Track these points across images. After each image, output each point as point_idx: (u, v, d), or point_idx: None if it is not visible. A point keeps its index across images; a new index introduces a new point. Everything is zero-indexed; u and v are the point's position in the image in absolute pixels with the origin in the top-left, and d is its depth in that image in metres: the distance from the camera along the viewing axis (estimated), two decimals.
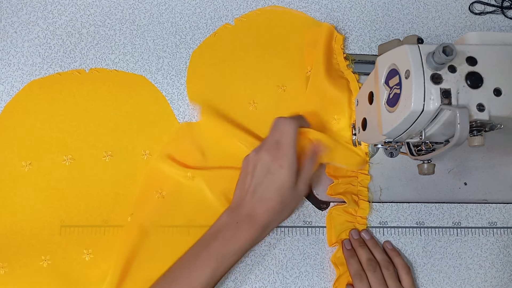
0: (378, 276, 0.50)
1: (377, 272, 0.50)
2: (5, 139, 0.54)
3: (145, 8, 0.60)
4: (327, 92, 0.56)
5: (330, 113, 0.56)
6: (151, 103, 0.57)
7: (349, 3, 0.62)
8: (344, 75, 0.59)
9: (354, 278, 0.51)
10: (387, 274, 0.51)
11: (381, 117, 0.43)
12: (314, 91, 0.57)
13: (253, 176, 0.49)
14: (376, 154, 0.57)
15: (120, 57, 0.58)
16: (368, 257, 0.52)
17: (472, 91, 0.38)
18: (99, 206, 0.53)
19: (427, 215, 0.56)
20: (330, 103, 0.56)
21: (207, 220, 0.51)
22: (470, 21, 0.63)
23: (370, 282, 0.50)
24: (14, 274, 0.50)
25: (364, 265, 0.51)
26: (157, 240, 0.52)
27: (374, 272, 0.50)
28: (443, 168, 0.57)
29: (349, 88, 0.57)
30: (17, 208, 0.52)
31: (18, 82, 0.56)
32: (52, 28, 0.58)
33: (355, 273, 0.51)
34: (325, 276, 0.54)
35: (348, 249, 0.53)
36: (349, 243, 0.54)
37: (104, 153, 0.55)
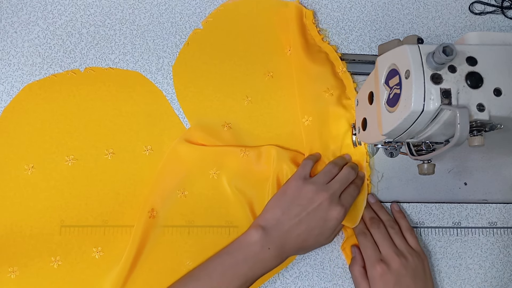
0: (382, 231, 0.51)
1: (381, 229, 0.51)
2: (5, 142, 0.54)
3: (145, 8, 0.60)
4: (310, 69, 0.56)
5: (320, 88, 0.56)
6: (148, 99, 0.57)
7: (349, 3, 0.62)
8: (322, 49, 0.59)
9: (358, 236, 0.51)
10: (392, 232, 0.51)
11: (381, 117, 0.43)
12: (299, 70, 0.57)
13: (305, 210, 0.48)
14: (376, 154, 0.57)
15: (120, 57, 0.58)
16: (371, 216, 0.52)
17: (472, 91, 0.38)
18: (99, 206, 0.53)
19: (427, 215, 0.56)
20: (317, 78, 0.56)
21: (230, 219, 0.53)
22: (470, 21, 0.63)
23: (374, 238, 0.50)
24: (25, 278, 0.50)
25: (368, 223, 0.52)
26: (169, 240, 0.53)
27: (377, 229, 0.51)
28: (443, 168, 0.57)
29: (329, 60, 0.58)
30: (17, 208, 0.52)
31: (18, 82, 0.56)
32: (52, 28, 0.58)
33: (359, 231, 0.52)
34: (325, 276, 0.54)
35: None
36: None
37: (106, 151, 0.55)
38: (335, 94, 0.56)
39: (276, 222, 0.48)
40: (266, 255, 0.47)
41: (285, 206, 0.49)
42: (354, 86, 0.58)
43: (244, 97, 0.57)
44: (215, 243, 0.52)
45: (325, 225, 0.48)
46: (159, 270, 0.52)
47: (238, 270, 0.46)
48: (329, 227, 0.49)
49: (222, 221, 0.54)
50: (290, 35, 0.59)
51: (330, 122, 0.56)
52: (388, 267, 0.48)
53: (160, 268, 0.52)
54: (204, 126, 0.56)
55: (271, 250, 0.47)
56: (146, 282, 0.51)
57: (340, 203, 0.49)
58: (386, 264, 0.48)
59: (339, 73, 0.58)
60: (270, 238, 0.47)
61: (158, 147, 0.55)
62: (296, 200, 0.49)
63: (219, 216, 0.54)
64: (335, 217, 0.48)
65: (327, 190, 0.49)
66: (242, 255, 0.47)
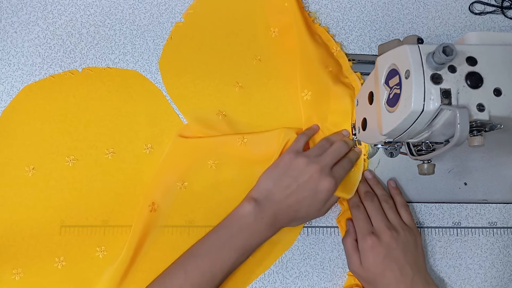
0: (375, 205, 0.51)
1: (375, 202, 0.51)
2: (4, 143, 0.54)
3: (145, 8, 0.60)
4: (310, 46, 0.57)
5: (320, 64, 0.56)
6: (148, 98, 0.57)
7: (349, 3, 0.62)
8: (315, 30, 0.60)
9: (352, 208, 0.52)
10: (386, 206, 0.51)
11: (381, 117, 0.43)
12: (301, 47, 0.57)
13: (295, 181, 0.49)
14: (376, 154, 0.57)
15: (120, 57, 0.58)
16: (365, 190, 0.53)
17: (472, 91, 0.38)
18: (99, 206, 0.53)
19: (427, 215, 0.56)
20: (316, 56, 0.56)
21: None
22: (470, 21, 0.63)
23: (367, 211, 0.51)
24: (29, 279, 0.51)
25: (362, 197, 0.52)
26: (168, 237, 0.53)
27: (371, 202, 0.51)
28: (443, 168, 0.57)
29: (323, 41, 0.59)
30: (17, 208, 0.52)
31: (18, 82, 0.56)
32: (52, 28, 0.58)
33: (353, 204, 0.52)
34: (325, 276, 0.54)
35: None
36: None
37: (106, 151, 0.55)
38: (334, 71, 0.57)
39: (267, 193, 0.49)
40: (260, 225, 0.48)
41: (277, 178, 0.49)
42: (350, 65, 0.58)
43: (234, 83, 0.57)
44: None
45: (315, 196, 0.49)
46: (158, 270, 0.52)
47: (234, 242, 0.47)
48: (320, 198, 0.49)
49: None
50: (279, 15, 0.59)
51: (330, 96, 0.56)
52: (378, 240, 0.48)
53: (159, 268, 0.52)
54: (199, 118, 0.56)
55: (264, 220, 0.48)
56: (146, 282, 0.51)
57: (331, 175, 0.49)
58: (377, 236, 0.48)
59: (334, 53, 0.59)
60: (262, 208, 0.48)
61: (158, 145, 0.55)
62: (288, 172, 0.49)
63: (219, 216, 0.54)
64: (325, 189, 0.48)
65: (318, 162, 0.49)
66: (237, 227, 0.48)
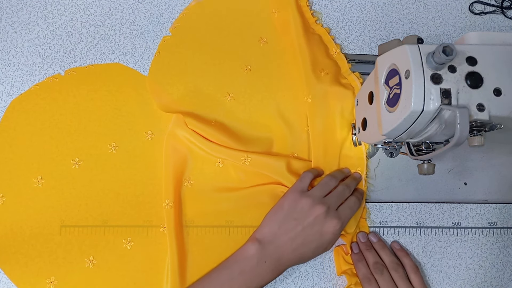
0: (386, 278, 0.50)
1: (385, 275, 0.50)
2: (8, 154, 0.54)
3: (145, 8, 0.60)
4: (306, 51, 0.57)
5: (316, 68, 0.57)
6: (134, 86, 0.56)
7: (349, 3, 0.62)
8: (315, 31, 0.60)
9: (362, 281, 0.51)
10: (396, 276, 0.50)
11: (381, 117, 0.43)
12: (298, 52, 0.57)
13: (300, 224, 0.48)
14: (376, 154, 0.57)
15: (120, 57, 0.58)
16: (374, 261, 0.51)
17: (472, 91, 0.38)
18: (99, 206, 0.53)
19: (427, 215, 0.56)
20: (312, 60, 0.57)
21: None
22: (470, 21, 0.63)
23: (379, 284, 0.50)
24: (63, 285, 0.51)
25: (372, 269, 0.51)
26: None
27: (381, 275, 0.50)
28: (443, 168, 0.57)
29: (323, 42, 0.59)
30: (17, 208, 0.52)
31: (18, 82, 0.56)
32: (52, 28, 0.58)
33: (363, 277, 0.51)
34: (325, 276, 0.54)
35: (356, 253, 0.53)
36: (357, 246, 0.54)
37: (109, 146, 0.55)
38: (331, 74, 0.57)
39: (272, 237, 0.48)
40: (263, 268, 0.47)
41: (281, 220, 0.49)
42: (349, 66, 0.58)
43: (225, 94, 0.57)
44: (215, 243, 0.52)
45: (321, 238, 0.48)
46: (158, 270, 0.52)
47: (234, 283, 0.46)
48: (326, 240, 0.49)
49: (222, 221, 0.54)
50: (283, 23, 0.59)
51: (328, 98, 0.56)
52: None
53: (159, 268, 0.52)
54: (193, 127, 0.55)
55: (268, 263, 0.47)
56: None
57: (337, 216, 0.49)
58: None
59: (333, 55, 0.59)
60: (266, 252, 0.47)
61: (159, 131, 0.55)
62: (292, 214, 0.49)
63: (219, 216, 0.54)
64: (331, 231, 0.48)
65: (324, 203, 0.49)
66: (239, 269, 0.47)
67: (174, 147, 0.54)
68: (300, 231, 0.48)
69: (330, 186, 0.52)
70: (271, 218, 0.50)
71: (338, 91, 0.56)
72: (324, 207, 0.48)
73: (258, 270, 0.47)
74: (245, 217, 0.53)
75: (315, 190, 0.51)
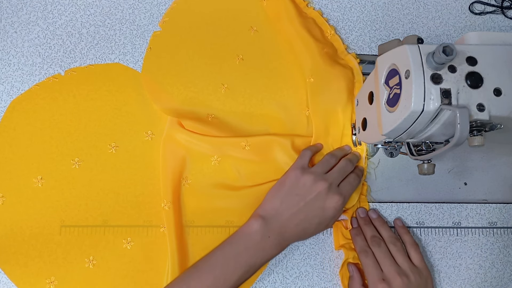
0: (383, 250, 0.50)
1: (382, 247, 0.50)
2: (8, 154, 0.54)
3: (145, 8, 0.60)
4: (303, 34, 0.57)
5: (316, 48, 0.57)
6: (134, 86, 0.56)
7: (349, 3, 0.62)
8: (308, 15, 0.60)
9: (360, 254, 0.51)
10: (394, 249, 0.50)
11: (381, 117, 0.43)
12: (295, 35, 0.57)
13: (303, 200, 0.49)
14: (376, 154, 0.57)
15: (120, 57, 0.58)
16: (372, 234, 0.52)
17: (472, 91, 0.38)
18: (99, 206, 0.53)
19: (427, 215, 0.56)
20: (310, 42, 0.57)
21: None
22: (470, 21, 0.63)
23: (376, 256, 0.50)
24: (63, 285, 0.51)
25: (369, 242, 0.52)
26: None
27: (378, 247, 0.50)
28: (443, 168, 0.57)
29: (317, 25, 0.59)
30: (17, 208, 0.52)
31: (18, 82, 0.56)
32: (52, 28, 0.58)
33: (360, 249, 0.51)
34: (325, 276, 0.54)
35: (355, 227, 0.54)
36: (356, 221, 0.54)
37: (109, 146, 0.55)
38: (330, 54, 0.57)
39: (275, 212, 0.49)
40: (267, 243, 0.48)
41: (284, 196, 0.49)
42: (344, 47, 0.59)
43: (220, 85, 0.57)
44: (215, 243, 0.52)
45: (323, 214, 0.49)
46: (158, 270, 0.52)
47: (239, 259, 0.47)
48: (328, 216, 0.49)
49: (222, 221, 0.54)
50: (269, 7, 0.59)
51: (330, 77, 0.56)
52: (389, 287, 0.47)
53: (159, 268, 0.52)
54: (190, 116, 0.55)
55: (271, 238, 0.48)
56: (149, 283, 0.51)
57: (338, 192, 0.49)
58: (387, 283, 0.47)
59: (328, 37, 0.59)
60: (269, 227, 0.48)
61: (159, 131, 0.55)
62: (294, 190, 0.49)
63: (219, 216, 0.54)
64: (333, 206, 0.49)
65: (325, 179, 0.50)
66: (243, 245, 0.47)
67: (171, 150, 0.54)
68: (302, 206, 0.49)
69: (331, 164, 0.52)
70: (273, 195, 0.50)
71: (339, 69, 0.56)
72: (326, 183, 0.49)
73: (262, 245, 0.47)
74: (245, 217, 0.53)
75: (317, 167, 0.51)
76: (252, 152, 0.54)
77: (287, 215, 0.49)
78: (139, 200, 0.54)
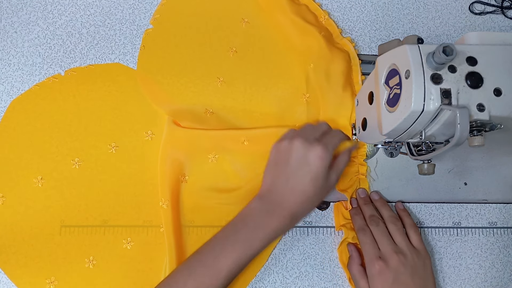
0: (380, 229, 0.50)
1: (380, 226, 0.50)
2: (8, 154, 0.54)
3: (145, 8, 0.60)
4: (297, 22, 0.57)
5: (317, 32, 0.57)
6: (134, 86, 0.56)
7: (349, 3, 0.62)
8: (300, 2, 0.60)
9: (358, 232, 0.51)
10: (393, 228, 0.50)
11: (381, 117, 0.43)
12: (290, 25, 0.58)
13: (287, 164, 0.47)
14: (376, 154, 0.57)
15: (120, 57, 0.58)
16: (371, 213, 0.52)
17: (472, 91, 0.38)
18: (99, 206, 0.53)
19: (427, 215, 0.56)
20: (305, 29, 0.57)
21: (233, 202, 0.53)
22: (470, 21, 0.63)
23: (374, 235, 0.50)
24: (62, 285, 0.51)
25: (367, 221, 0.52)
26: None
27: (376, 226, 0.50)
28: (443, 168, 0.57)
29: (311, 11, 0.60)
30: (17, 208, 0.52)
31: (18, 82, 0.56)
32: (52, 28, 0.58)
33: (358, 228, 0.51)
34: (325, 276, 0.54)
35: (354, 207, 0.54)
36: (356, 201, 0.54)
37: (109, 146, 0.55)
38: (326, 38, 0.57)
39: (269, 187, 0.48)
40: (266, 217, 0.46)
41: (271, 170, 0.49)
42: (339, 31, 0.59)
43: (216, 79, 0.57)
44: None
45: (311, 168, 0.46)
46: (158, 270, 0.52)
47: (238, 235, 0.46)
48: (317, 168, 0.46)
49: (222, 221, 0.54)
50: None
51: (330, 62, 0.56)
52: (386, 265, 0.47)
53: (159, 268, 0.52)
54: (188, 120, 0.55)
55: (271, 212, 0.47)
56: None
57: (317, 141, 0.47)
58: (384, 261, 0.48)
59: (322, 22, 0.59)
60: (266, 201, 0.47)
61: (159, 130, 0.55)
62: (277, 160, 0.49)
63: (219, 216, 0.54)
64: (317, 156, 0.46)
65: (298, 135, 0.48)
66: (241, 222, 0.47)
67: (170, 148, 0.54)
68: (289, 171, 0.47)
69: (307, 129, 0.51)
70: (264, 175, 0.50)
71: (337, 53, 0.56)
72: (300, 138, 0.47)
73: (261, 218, 0.46)
74: None
75: (291, 131, 0.50)
76: (251, 147, 0.54)
77: (279, 185, 0.48)
78: (139, 200, 0.54)
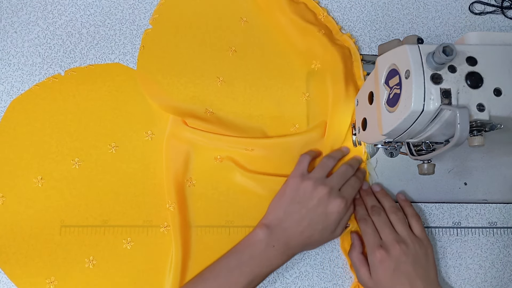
0: (382, 219, 0.50)
1: (382, 216, 0.51)
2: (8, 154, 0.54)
3: (145, 8, 0.60)
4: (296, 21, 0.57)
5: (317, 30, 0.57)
6: (134, 86, 0.56)
7: (349, 3, 0.62)
8: (298, 0, 0.60)
9: (359, 221, 0.51)
10: (395, 218, 0.50)
11: (381, 117, 0.43)
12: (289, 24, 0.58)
13: (305, 206, 0.49)
14: (376, 154, 0.57)
15: (120, 57, 0.58)
16: (372, 204, 0.52)
17: (472, 91, 0.38)
18: (99, 206, 0.53)
19: (427, 215, 0.56)
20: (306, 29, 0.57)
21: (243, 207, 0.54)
22: (470, 21, 0.63)
23: (375, 224, 0.50)
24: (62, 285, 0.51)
25: (369, 211, 0.52)
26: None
27: (378, 216, 0.51)
28: (443, 168, 0.57)
29: (309, 9, 0.59)
30: (17, 208, 0.52)
31: (18, 82, 0.56)
32: (52, 28, 0.58)
33: (360, 217, 0.52)
34: (325, 276, 0.54)
35: (357, 198, 0.54)
36: (358, 193, 0.54)
37: (109, 146, 0.55)
38: (326, 35, 0.57)
39: (278, 221, 0.49)
40: (271, 252, 0.47)
41: (286, 205, 0.49)
42: (339, 28, 0.59)
43: (216, 78, 0.57)
44: (215, 243, 0.52)
45: (327, 219, 0.49)
46: (158, 270, 0.52)
47: (244, 268, 0.47)
48: (332, 221, 0.49)
49: (222, 221, 0.54)
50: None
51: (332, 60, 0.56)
52: (387, 253, 0.48)
53: (159, 268, 0.52)
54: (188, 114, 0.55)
55: (276, 247, 0.48)
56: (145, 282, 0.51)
57: (340, 195, 0.49)
58: (385, 250, 0.48)
59: (321, 19, 0.59)
60: (274, 236, 0.48)
61: (159, 130, 0.55)
62: (295, 198, 0.49)
63: (219, 216, 0.54)
64: (336, 211, 0.49)
65: (325, 184, 0.49)
66: (248, 254, 0.47)
67: (174, 149, 0.54)
68: (305, 213, 0.48)
69: (330, 166, 0.52)
70: (275, 205, 0.50)
71: (338, 50, 0.56)
72: (326, 187, 0.49)
73: (266, 254, 0.47)
74: (245, 217, 0.53)
75: (316, 172, 0.51)
76: (257, 154, 0.54)
77: (291, 223, 0.48)
78: (139, 200, 0.54)
